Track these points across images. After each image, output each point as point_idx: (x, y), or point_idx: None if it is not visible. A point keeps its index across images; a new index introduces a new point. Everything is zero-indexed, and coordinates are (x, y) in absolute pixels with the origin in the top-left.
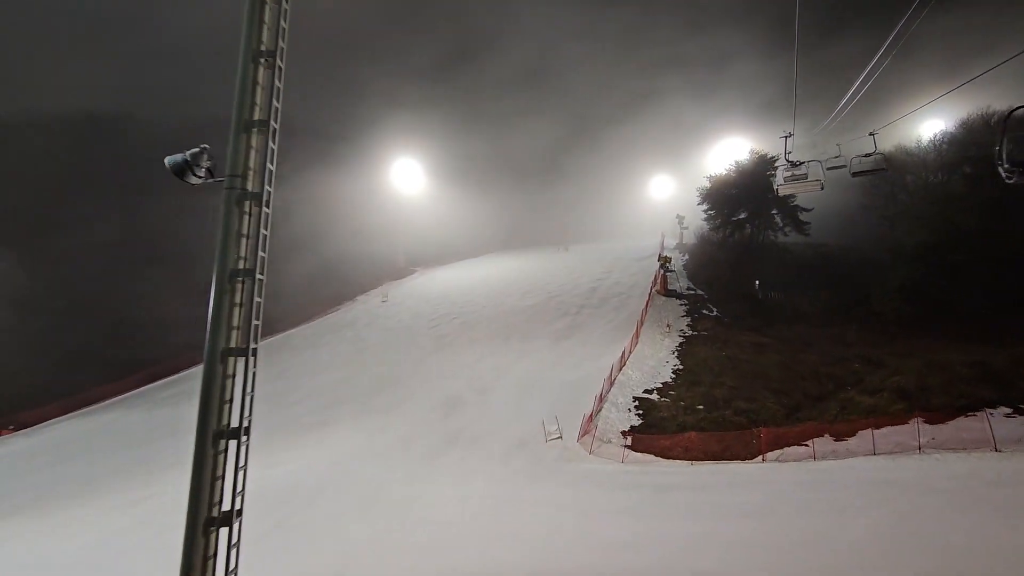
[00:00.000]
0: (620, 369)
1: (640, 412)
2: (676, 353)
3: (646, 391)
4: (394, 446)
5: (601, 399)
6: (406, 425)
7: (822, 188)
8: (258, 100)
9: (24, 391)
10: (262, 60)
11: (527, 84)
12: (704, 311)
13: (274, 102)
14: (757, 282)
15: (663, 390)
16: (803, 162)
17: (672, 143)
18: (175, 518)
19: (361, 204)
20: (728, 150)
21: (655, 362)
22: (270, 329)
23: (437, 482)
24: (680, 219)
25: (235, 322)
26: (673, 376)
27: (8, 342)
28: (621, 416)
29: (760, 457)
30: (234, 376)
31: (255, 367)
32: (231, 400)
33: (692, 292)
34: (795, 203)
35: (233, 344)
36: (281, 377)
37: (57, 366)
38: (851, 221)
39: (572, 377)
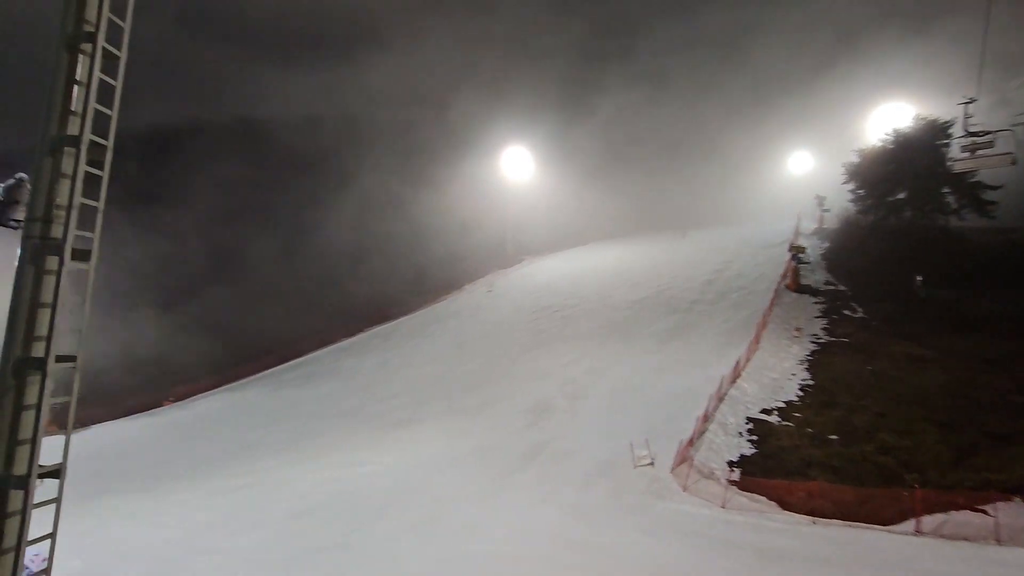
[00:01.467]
0: (733, 381)
1: (754, 438)
2: (806, 364)
3: (763, 411)
4: (471, 456)
5: (705, 418)
6: (489, 432)
7: (1014, 163)
8: (75, 105)
9: (182, 368)
10: (82, 45)
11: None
12: (845, 312)
13: (96, 106)
14: (919, 278)
15: (786, 411)
16: (988, 132)
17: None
18: (257, 514)
19: (470, 193)
20: (885, 118)
21: (778, 374)
22: (384, 315)
23: (506, 507)
24: (820, 200)
25: (23, 434)
26: (800, 394)
27: (169, 324)
28: (729, 442)
29: (912, 523)
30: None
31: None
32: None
33: (831, 288)
34: (975, 178)
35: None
36: (382, 368)
37: (210, 346)
38: None
39: (675, 387)
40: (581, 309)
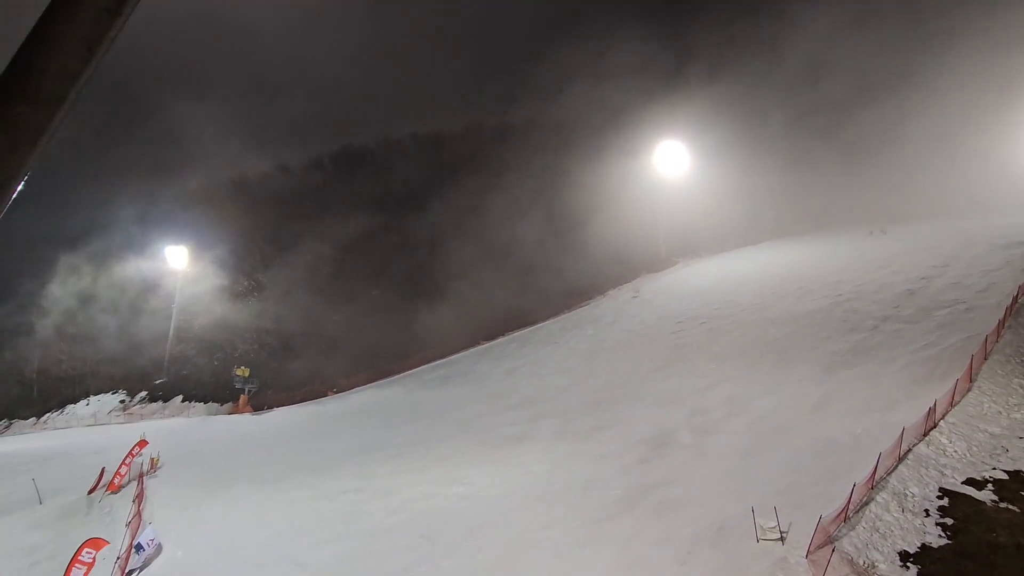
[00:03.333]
0: (924, 434)
1: (947, 521)
2: None
3: (969, 481)
4: (568, 490)
5: (872, 484)
6: (595, 462)
7: None
8: None
9: (343, 364)
10: None
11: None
12: None
13: None
14: None
15: (1008, 486)
16: None
17: None
18: (346, 526)
19: (622, 191)
20: None
21: (1001, 428)
22: (522, 321)
23: (583, 567)
24: None
25: None
26: None
27: (336, 324)
28: (905, 522)
29: None
30: None
31: None
32: None
33: None
34: None
35: None
36: (511, 375)
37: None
38: None
39: (837, 434)
40: (733, 321)
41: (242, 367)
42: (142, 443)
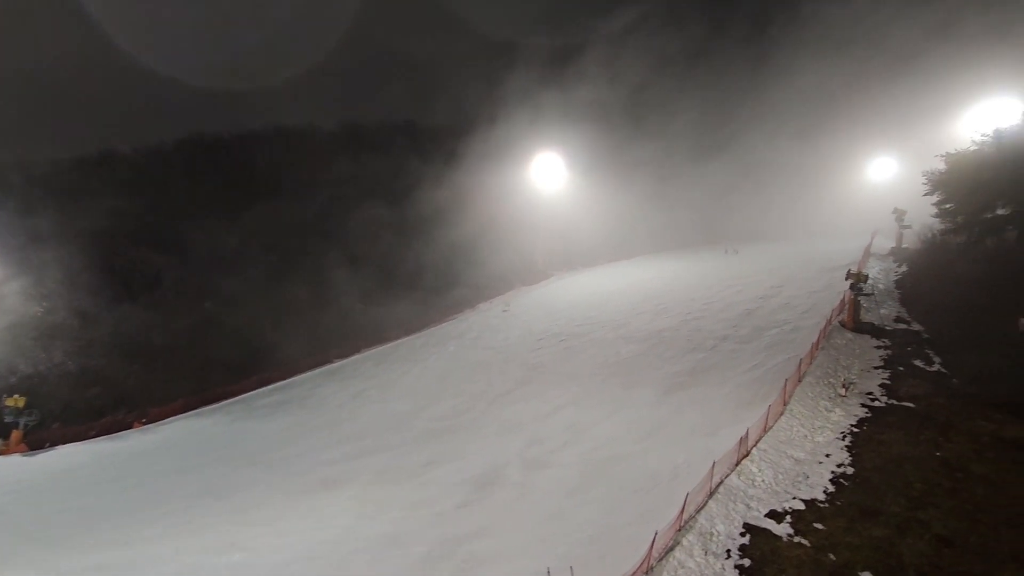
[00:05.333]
0: (737, 463)
1: (744, 563)
2: (848, 439)
3: (771, 513)
4: (369, 548)
5: (679, 524)
6: (412, 509)
7: None
8: None
9: (160, 387)
10: None
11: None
12: (917, 362)
13: None
14: (1023, 320)
15: (804, 517)
16: None
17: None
18: None
19: (497, 203)
20: (983, 117)
21: (806, 453)
22: (381, 337)
23: None
24: (899, 214)
25: None
26: (832, 489)
27: (157, 339)
28: (708, 567)
29: None
30: None
31: None
32: None
33: (903, 326)
34: None
35: None
36: (355, 400)
37: (190, 367)
38: None
39: (660, 465)
40: (589, 339)
41: (15, 396)
42: None
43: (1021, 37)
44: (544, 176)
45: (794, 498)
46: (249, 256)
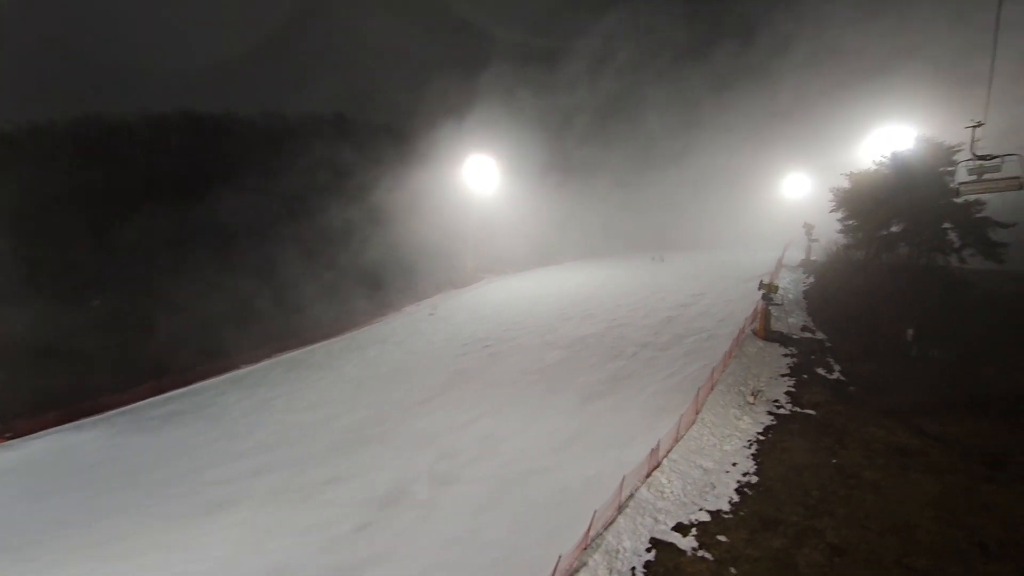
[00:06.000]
0: (647, 475)
1: None
2: (754, 447)
3: (677, 527)
4: None
5: (585, 543)
6: (303, 535)
7: (1020, 187)
8: None
9: (31, 396)
10: None
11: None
12: (819, 370)
13: None
14: (910, 331)
15: (709, 530)
16: (995, 156)
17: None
18: None
19: (428, 204)
20: (884, 139)
21: (714, 463)
22: (297, 341)
23: None
24: (808, 228)
25: None
26: (736, 499)
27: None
28: None
29: None
30: None
31: None
32: None
33: (808, 335)
34: (982, 213)
35: None
36: (259, 410)
37: (68, 371)
38: None
39: (573, 479)
40: (515, 344)
41: None
42: None
43: (917, 71)
44: (477, 179)
45: (700, 509)
46: (150, 251)
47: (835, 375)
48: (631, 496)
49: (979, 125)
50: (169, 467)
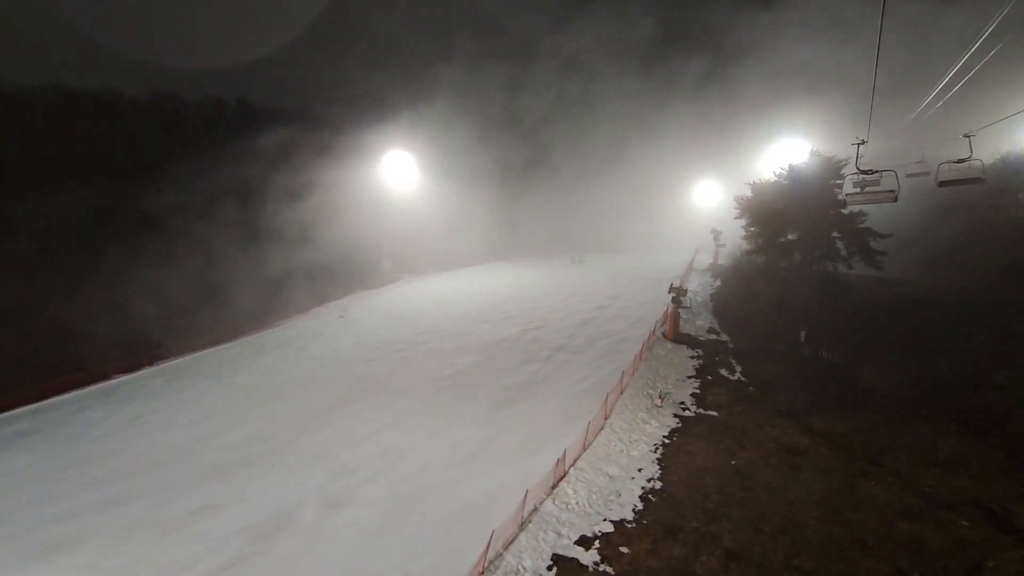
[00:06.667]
0: (554, 485)
1: None
2: (660, 451)
3: (581, 540)
4: None
5: (482, 566)
6: None
7: (895, 199)
8: None
9: None
10: None
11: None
12: (723, 371)
13: None
14: (803, 333)
15: (611, 542)
16: (876, 170)
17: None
18: None
19: (341, 198)
20: (785, 152)
21: (621, 469)
22: (184, 347)
23: None
24: (716, 234)
25: None
26: (641, 506)
27: None
28: None
29: None
30: None
31: None
32: None
33: (713, 337)
34: (865, 224)
35: None
36: (128, 428)
37: None
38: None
39: (476, 494)
40: (428, 349)
41: None
42: None
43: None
44: (395, 175)
45: (605, 520)
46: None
47: (736, 376)
48: (535, 510)
49: (863, 143)
50: (3, 500)
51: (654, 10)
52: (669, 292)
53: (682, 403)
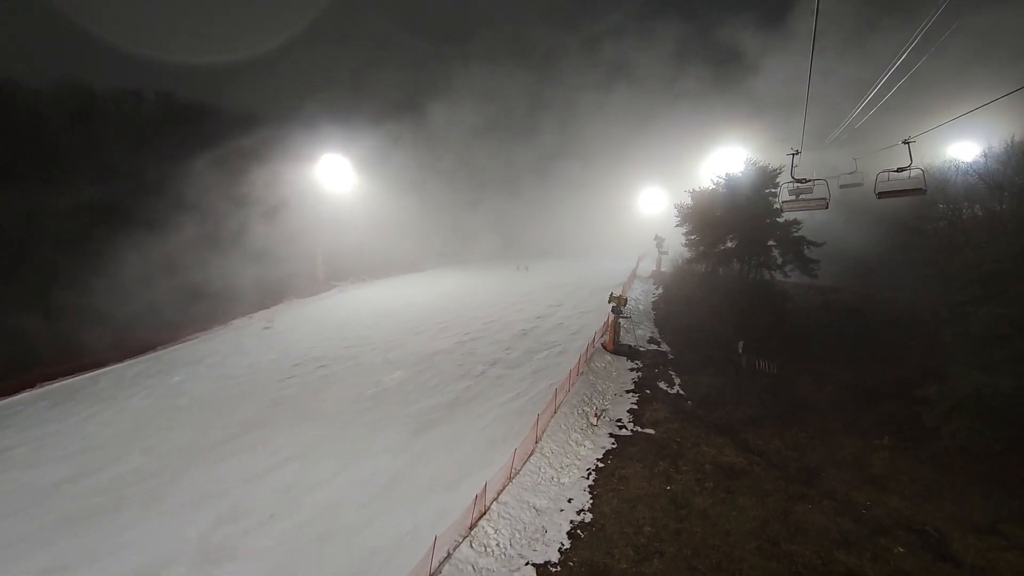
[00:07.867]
0: (472, 525)
1: None
2: (591, 478)
3: None
4: None
5: None
6: None
7: (827, 207)
8: None
9: None
10: None
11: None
12: (662, 384)
13: None
14: (741, 343)
15: None
16: (810, 180)
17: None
18: None
19: (270, 200)
20: (724, 160)
21: (549, 500)
22: (77, 365)
23: None
24: (659, 241)
25: None
26: (568, 545)
27: None
28: None
29: None
30: None
31: None
32: None
33: (654, 347)
34: (799, 232)
35: None
36: None
37: None
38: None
39: (383, 540)
40: (354, 364)
41: None
42: None
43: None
44: (330, 179)
45: (528, 563)
46: None
47: (675, 389)
48: (448, 557)
49: (797, 153)
50: None
51: (602, 14)
52: (609, 302)
53: (619, 420)
